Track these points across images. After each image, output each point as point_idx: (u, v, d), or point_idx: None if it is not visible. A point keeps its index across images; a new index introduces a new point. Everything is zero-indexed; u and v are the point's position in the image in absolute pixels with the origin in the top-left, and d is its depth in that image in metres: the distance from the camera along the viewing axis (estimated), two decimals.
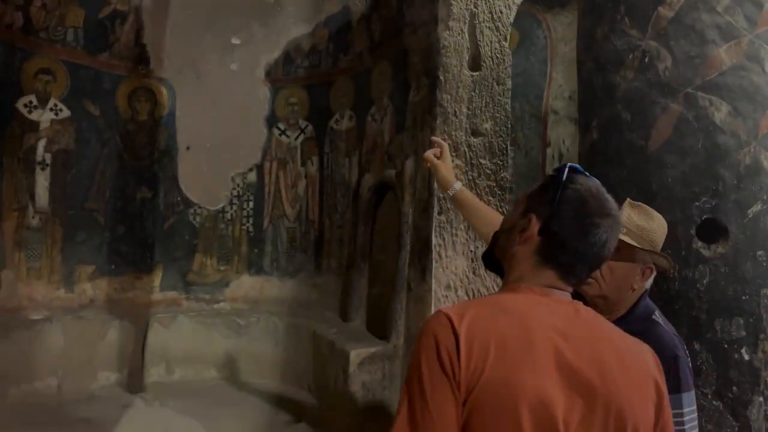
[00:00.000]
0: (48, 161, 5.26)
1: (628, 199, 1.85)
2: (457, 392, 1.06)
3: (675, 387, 1.66)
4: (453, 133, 4.21)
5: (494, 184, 4.36)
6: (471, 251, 4.28)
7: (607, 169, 2.70)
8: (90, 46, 5.34)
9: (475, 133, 4.33)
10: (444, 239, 3.85)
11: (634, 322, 1.76)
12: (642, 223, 1.77)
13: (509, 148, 4.58)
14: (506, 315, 1.13)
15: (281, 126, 5.83)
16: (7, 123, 4.93)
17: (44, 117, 5.17)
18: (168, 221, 5.93)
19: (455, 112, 4.23)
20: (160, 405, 5.23)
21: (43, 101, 5.15)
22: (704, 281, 2.46)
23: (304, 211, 5.86)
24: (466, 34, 4.24)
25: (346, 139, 5.39)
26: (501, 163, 4.43)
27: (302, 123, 5.80)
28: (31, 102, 5.09)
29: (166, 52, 5.64)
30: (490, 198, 4.38)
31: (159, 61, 5.63)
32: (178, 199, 5.95)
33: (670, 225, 2.49)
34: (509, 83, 4.39)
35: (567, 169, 1.26)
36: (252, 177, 5.96)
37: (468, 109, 4.28)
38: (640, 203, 1.85)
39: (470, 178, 4.27)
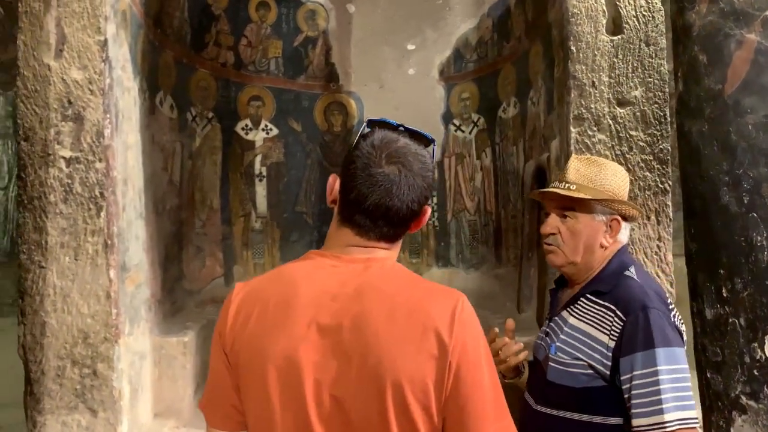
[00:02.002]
0: (264, 173, 6.26)
1: (573, 154, 1.67)
2: (224, 355, 1.20)
3: (646, 342, 1.49)
4: (592, 105, 3.89)
5: (651, 158, 3.89)
6: None
7: (690, 123, 2.31)
8: (289, 72, 6.21)
9: (621, 103, 3.94)
10: None
11: (604, 280, 1.67)
12: (592, 173, 1.60)
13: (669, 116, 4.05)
14: (279, 283, 1.21)
15: (456, 122, 5.97)
16: (230, 145, 6.01)
17: (258, 136, 6.18)
18: None
19: (593, 82, 3.90)
20: None
21: (255, 123, 6.15)
22: None
23: (482, 203, 5.89)
24: None
25: (513, 126, 5.29)
26: (658, 133, 3.93)
27: (474, 116, 5.85)
28: (247, 125, 6.13)
29: (353, 68, 6.24)
30: (647, 173, 3.92)
31: (347, 76, 6.27)
32: None
33: (754, 181, 2.05)
34: (663, 42, 3.87)
35: (364, 125, 1.26)
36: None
37: (610, 77, 3.91)
38: (588, 155, 1.66)
39: (618, 153, 3.89)
